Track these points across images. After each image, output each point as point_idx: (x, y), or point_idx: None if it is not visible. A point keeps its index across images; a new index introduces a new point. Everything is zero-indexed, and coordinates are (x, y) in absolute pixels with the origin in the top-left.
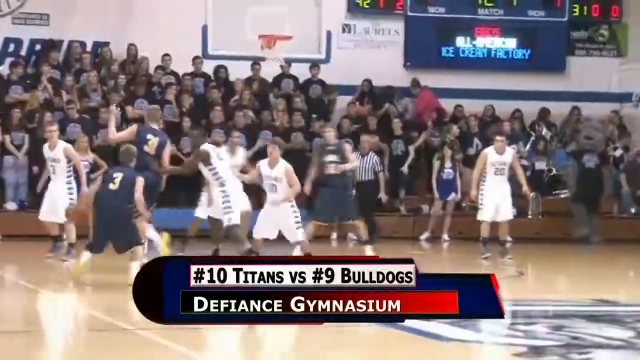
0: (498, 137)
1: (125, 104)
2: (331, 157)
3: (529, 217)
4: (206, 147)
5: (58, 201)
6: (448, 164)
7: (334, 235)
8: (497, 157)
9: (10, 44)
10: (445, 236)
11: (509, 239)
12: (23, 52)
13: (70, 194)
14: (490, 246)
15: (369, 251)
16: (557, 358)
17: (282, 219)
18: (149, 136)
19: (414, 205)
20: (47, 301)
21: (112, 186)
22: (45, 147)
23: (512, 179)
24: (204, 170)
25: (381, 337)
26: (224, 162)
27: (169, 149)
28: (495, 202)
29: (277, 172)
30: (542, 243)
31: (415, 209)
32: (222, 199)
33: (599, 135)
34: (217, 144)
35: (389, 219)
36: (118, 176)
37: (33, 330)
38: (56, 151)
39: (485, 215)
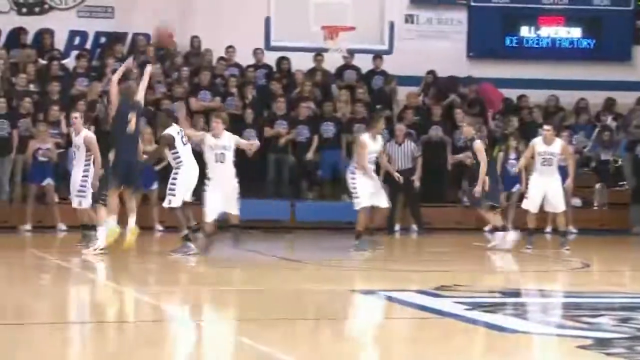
0: (546, 127)
1: (188, 95)
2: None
3: (595, 208)
4: (171, 130)
5: (74, 188)
6: (512, 155)
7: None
8: (545, 147)
9: (75, 36)
10: (510, 227)
11: (572, 229)
12: (88, 45)
13: (83, 183)
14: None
15: None
16: (623, 350)
17: (230, 193)
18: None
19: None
20: (110, 293)
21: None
22: (72, 131)
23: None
24: (168, 154)
25: (446, 328)
26: (187, 146)
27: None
28: (542, 193)
29: (226, 140)
30: (607, 235)
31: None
32: (170, 181)
33: None
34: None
35: (452, 209)
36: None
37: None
38: (78, 138)
39: (530, 205)
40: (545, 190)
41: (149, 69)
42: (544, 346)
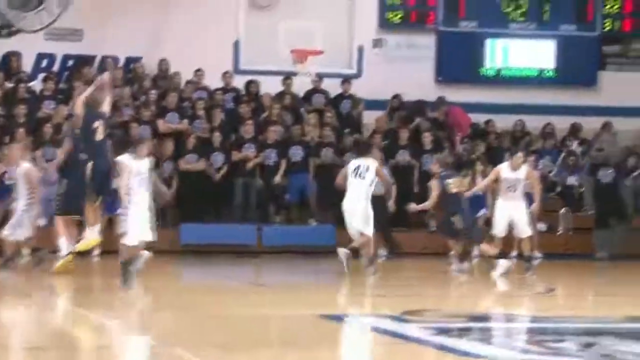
0: (518, 154)
1: (156, 118)
2: None
3: (559, 233)
4: (123, 158)
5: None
6: (479, 179)
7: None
8: (510, 173)
9: (43, 59)
10: (476, 252)
11: (537, 254)
12: (56, 68)
13: (22, 215)
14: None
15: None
16: None
17: (149, 217)
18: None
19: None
20: (76, 319)
21: None
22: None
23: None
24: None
25: (412, 354)
26: (140, 176)
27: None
28: (507, 218)
29: (147, 165)
30: (572, 259)
31: (425, 225)
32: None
33: (612, 148)
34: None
35: (417, 234)
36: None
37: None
38: (18, 170)
39: (496, 230)
40: (511, 215)
41: (106, 76)
42: None
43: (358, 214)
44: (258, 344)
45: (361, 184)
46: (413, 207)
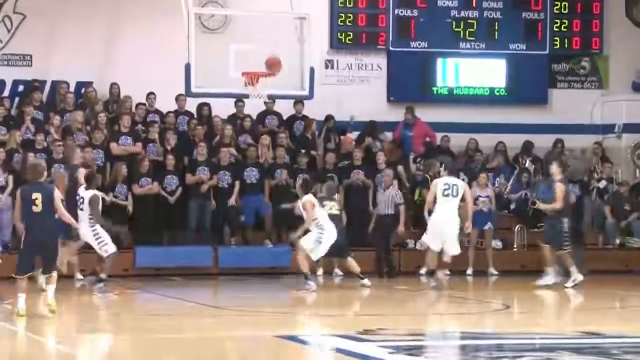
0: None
1: (109, 142)
2: None
3: (514, 249)
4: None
5: None
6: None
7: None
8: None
9: None
10: (446, 270)
11: (493, 271)
12: (6, 93)
13: None
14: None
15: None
16: None
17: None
18: (34, 195)
19: (400, 239)
20: (32, 345)
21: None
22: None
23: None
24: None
25: None
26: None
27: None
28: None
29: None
30: (528, 276)
31: (401, 244)
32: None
33: (578, 164)
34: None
35: (374, 254)
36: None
37: None
38: None
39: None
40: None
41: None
42: None
43: (453, 232)
44: None
45: (452, 202)
46: None
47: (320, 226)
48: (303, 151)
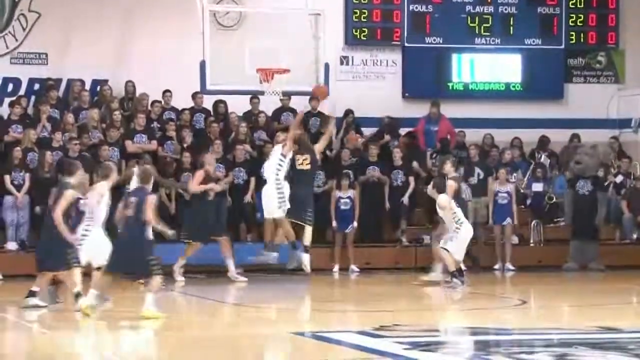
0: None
1: (124, 139)
2: None
3: (531, 245)
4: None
5: None
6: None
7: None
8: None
9: (8, 83)
10: (462, 265)
11: (510, 266)
12: (22, 92)
13: None
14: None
15: None
16: None
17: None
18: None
19: (415, 235)
20: (49, 341)
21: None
22: None
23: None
24: None
25: None
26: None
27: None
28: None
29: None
30: (544, 271)
31: (416, 239)
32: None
33: (590, 161)
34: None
35: (390, 250)
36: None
37: None
38: None
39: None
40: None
41: None
42: None
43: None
44: None
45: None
46: None
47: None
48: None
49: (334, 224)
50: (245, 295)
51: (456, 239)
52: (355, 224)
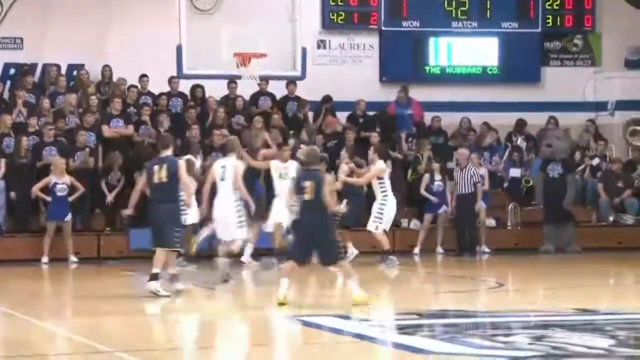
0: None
1: (100, 124)
2: None
3: (508, 227)
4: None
5: None
6: (438, 176)
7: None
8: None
9: None
10: (440, 249)
11: (486, 249)
12: None
13: None
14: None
15: None
16: None
17: None
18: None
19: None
20: (27, 328)
21: None
22: None
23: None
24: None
25: (362, 351)
26: None
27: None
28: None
29: None
30: (521, 254)
31: (394, 223)
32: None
33: (560, 144)
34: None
35: (367, 234)
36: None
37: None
38: None
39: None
40: None
41: None
42: None
43: None
44: (209, 346)
45: None
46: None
47: None
48: (292, 132)
49: None
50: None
51: (383, 217)
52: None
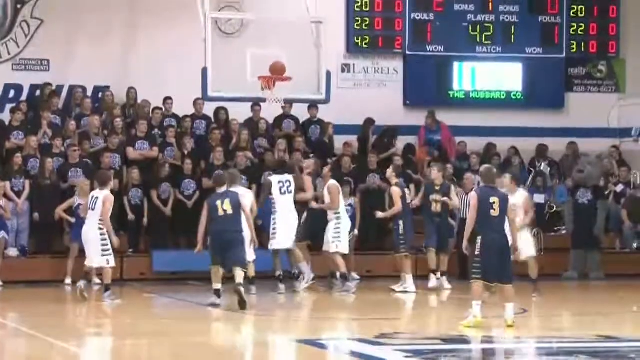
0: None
1: (126, 146)
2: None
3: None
4: None
5: None
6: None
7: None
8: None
9: (10, 90)
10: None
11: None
12: (23, 98)
13: None
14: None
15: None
16: None
17: None
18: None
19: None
20: (48, 349)
21: None
22: None
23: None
24: None
25: None
26: None
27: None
28: None
29: None
30: (544, 280)
31: (417, 247)
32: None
33: (592, 170)
34: None
35: (391, 257)
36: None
37: None
38: None
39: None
40: None
41: None
42: None
43: None
44: None
45: None
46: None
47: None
48: (312, 155)
49: None
50: (255, 301)
51: (340, 238)
52: (356, 231)
